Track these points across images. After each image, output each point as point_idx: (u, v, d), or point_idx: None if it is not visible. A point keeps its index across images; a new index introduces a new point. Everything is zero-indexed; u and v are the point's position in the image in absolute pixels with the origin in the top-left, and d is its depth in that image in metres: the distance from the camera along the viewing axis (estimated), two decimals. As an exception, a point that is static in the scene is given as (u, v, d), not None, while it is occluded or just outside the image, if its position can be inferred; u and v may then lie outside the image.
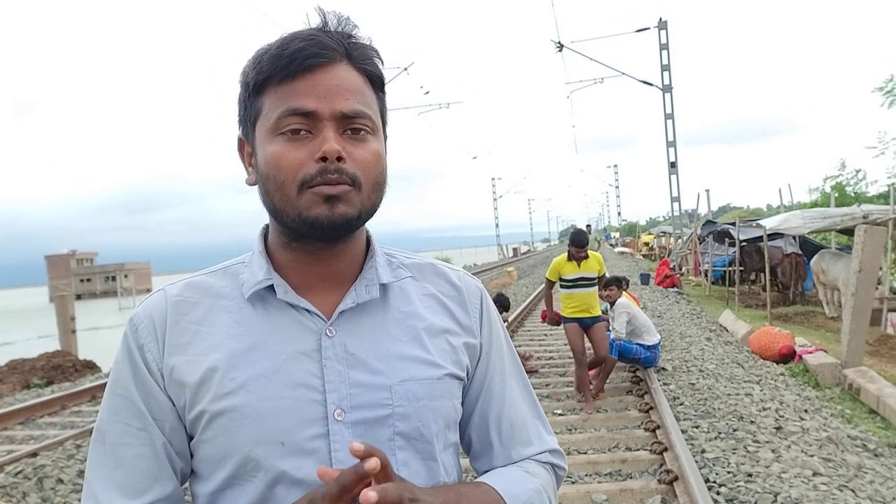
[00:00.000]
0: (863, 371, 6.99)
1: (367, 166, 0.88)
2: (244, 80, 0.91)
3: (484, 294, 1.07)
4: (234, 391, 0.86)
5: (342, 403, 0.88)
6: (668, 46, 22.12)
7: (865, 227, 7.60)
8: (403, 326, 0.95)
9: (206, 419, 0.86)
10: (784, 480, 4.02)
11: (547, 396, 6.89)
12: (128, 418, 0.88)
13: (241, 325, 0.90)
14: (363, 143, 0.89)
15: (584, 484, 4.48)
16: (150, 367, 0.89)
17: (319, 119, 0.86)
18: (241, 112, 0.94)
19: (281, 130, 0.86)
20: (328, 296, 0.94)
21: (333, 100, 0.86)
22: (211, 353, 0.88)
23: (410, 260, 1.04)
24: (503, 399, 1.03)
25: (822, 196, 22.09)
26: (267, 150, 0.88)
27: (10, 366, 11.40)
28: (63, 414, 7.86)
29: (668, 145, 22.06)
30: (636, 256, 38.24)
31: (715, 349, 8.63)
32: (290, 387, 0.87)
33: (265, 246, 0.97)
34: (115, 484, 0.87)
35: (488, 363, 1.03)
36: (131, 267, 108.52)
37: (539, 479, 1.00)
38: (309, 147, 0.86)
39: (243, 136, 0.95)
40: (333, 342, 0.90)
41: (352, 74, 0.89)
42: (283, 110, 0.86)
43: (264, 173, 0.88)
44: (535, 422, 1.07)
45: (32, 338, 21.67)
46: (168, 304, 0.92)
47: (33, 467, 5.35)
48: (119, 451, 0.88)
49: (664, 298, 14.87)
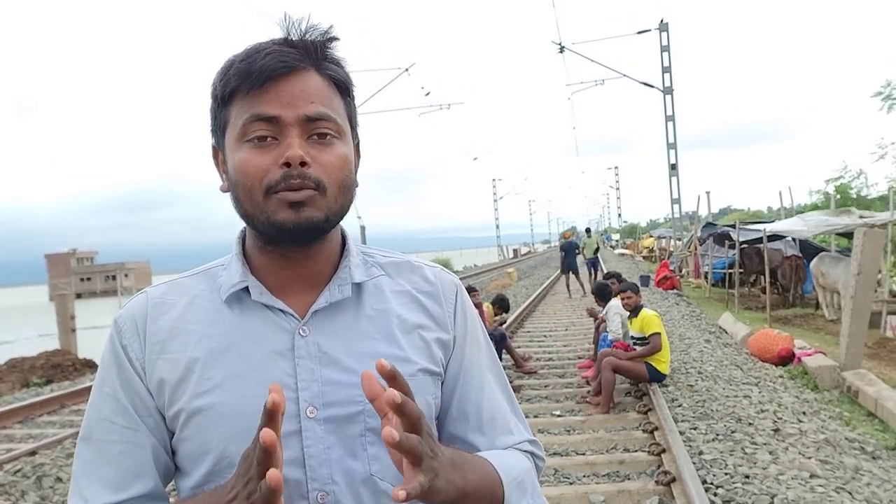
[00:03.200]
0: (861, 374, 6.99)
1: (332, 170, 0.91)
2: (213, 92, 0.94)
3: (460, 289, 1.09)
4: (210, 390, 0.89)
5: (314, 401, 0.90)
6: (669, 48, 22.15)
7: (865, 230, 7.60)
8: (376, 324, 0.97)
9: (184, 417, 0.90)
10: (781, 482, 4.03)
11: (546, 398, 6.89)
12: (113, 416, 0.91)
13: (217, 325, 0.93)
14: (329, 147, 0.91)
15: (582, 485, 4.48)
16: (135, 366, 0.92)
17: (283, 125, 0.88)
18: (212, 122, 0.97)
19: (247, 137, 0.89)
20: (302, 297, 0.96)
21: (297, 105, 0.89)
22: (188, 352, 0.91)
23: (387, 258, 1.07)
24: (481, 391, 1.05)
25: (824, 198, 22.10)
26: (235, 158, 0.91)
27: (10, 364, 11.39)
28: (62, 413, 7.87)
29: (668, 147, 22.08)
30: (636, 258, 38.25)
31: (714, 351, 8.63)
32: (264, 385, 0.87)
33: (243, 249, 1.00)
34: (100, 479, 0.90)
35: (463, 357, 1.04)
36: (132, 266, 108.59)
37: (527, 462, 1.03)
38: (274, 153, 0.88)
39: (216, 145, 0.98)
40: (307, 341, 0.93)
41: (316, 80, 0.92)
42: (248, 117, 0.89)
43: (234, 180, 0.91)
44: (513, 416, 1.09)
45: (32, 336, 21.69)
46: (149, 306, 0.95)
47: (32, 466, 5.37)
48: (105, 448, 0.91)
49: (664, 300, 14.87)
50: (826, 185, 22.75)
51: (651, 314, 6.37)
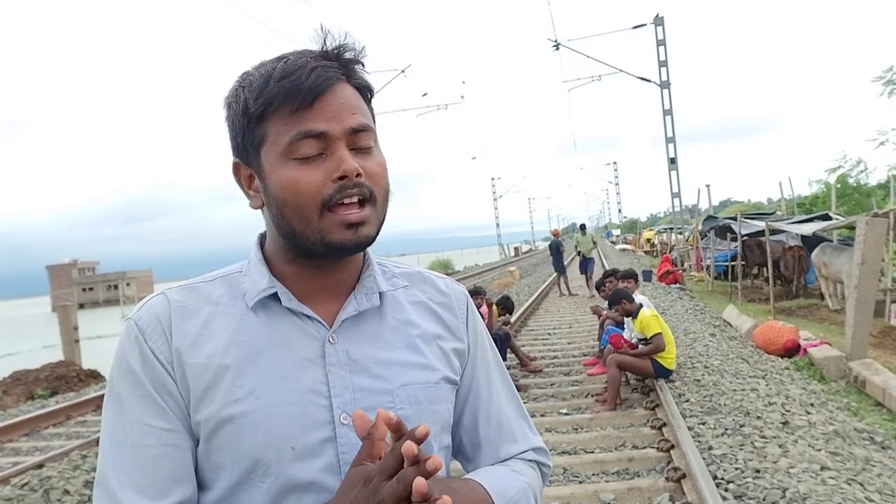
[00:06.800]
0: (868, 363, 6.97)
1: (377, 179, 0.92)
2: (242, 108, 0.91)
3: (469, 299, 1.12)
4: (243, 398, 0.87)
5: (346, 408, 0.90)
6: (665, 42, 22.13)
7: (867, 218, 7.58)
8: (399, 333, 0.99)
9: (212, 425, 0.87)
10: (792, 475, 4.01)
11: (552, 396, 6.88)
12: (149, 418, 0.87)
13: (244, 332, 0.92)
14: (371, 157, 0.92)
15: (591, 483, 4.46)
16: (166, 367, 0.89)
17: (331, 139, 0.89)
18: (237, 137, 0.94)
19: (294, 155, 0.88)
20: (328, 304, 0.97)
21: (342, 119, 0.89)
22: (217, 359, 0.89)
23: (400, 269, 1.08)
24: (490, 399, 1.07)
25: (824, 188, 22.05)
26: (283, 176, 0.89)
27: (14, 377, 11.37)
28: (68, 424, 7.85)
29: (667, 141, 22.07)
30: (638, 253, 38.21)
31: (719, 345, 8.61)
32: (298, 392, 0.89)
33: (263, 255, 0.99)
34: (134, 486, 0.85)
35: (475, 365, 1.07)
36: (133, 275, 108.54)
37: (525, 478, 1.02)
38: (324, 168, 0.88)
39: (241, 161, 0.96)
40: (336, 349, 0.93)
41: (350, 91, 0.92)
42: (295, 134, 0.88)
43: (280, 198, 0.90)
44: (519, 421, 1.11)
45: (36, 348, 21.66)
46: (171, 308, 0.92)
47: (39, 479, 5.34)
48: (140, 453, 0.86)
49: (666, 295, 14.86)
50: (827, 175, 22.68)
51: (649, 315, 6.33)
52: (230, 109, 0.93)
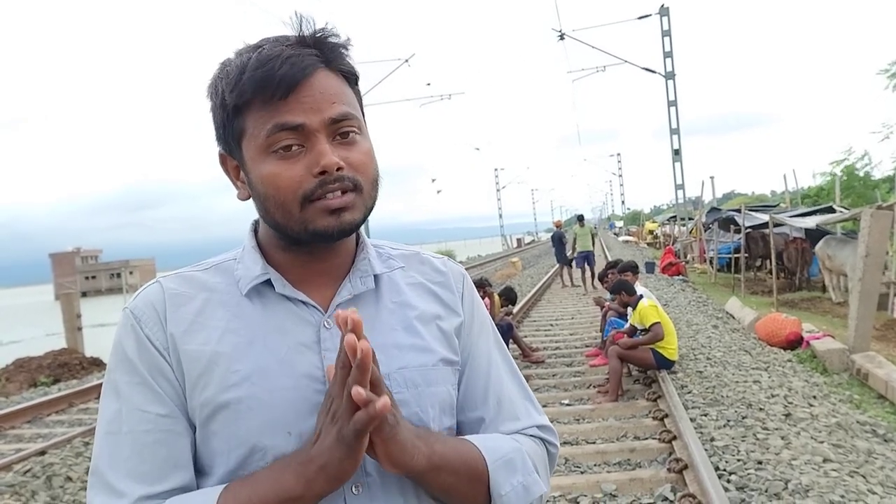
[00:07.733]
0: (870, 356, 6.96)
1: (363, 168, 0.91)
2: (220, 101, 0.90)
3: (467, 277, 1.11)
4: (238, 383, 0.87)
5: None
6: (670, 33, 22.00)
7: (872, 211, 7.55)
8: (396, 316, 0.98)
9: (208, 411, 0.87)
10: (794, 467, 4.00)
11: (555, 387, 6.88)
12: (146, 405, 0.87)
13: (239, 318, 0.92)
14: (355, 146, 0.91)
15: (593, 474, 4.46)
16: (163, 354, 0.89)
17: (309, 131, 0.87)
18: (220, 129, 0.93)
19: (273, 148, 0.87)
20: (323, 290, 0.96)
21: (320, 109, 0.87)
22: (211, 345, 0.89)
23: (397, 251, 1.07)
24: (488, 375, 1.04)
25: (829, 180, 21.96)
26: (262, 171, 0.88)
27: (17, 364, 11.42)
28: (70, 412, 7.88)
29: (671, 133, 21.97)
30: (641, 245, 38.16)
31: (722, 337, 8.60)
32: (294, 378, 0.88)
33: (257, 241, 0.98)
34: (130, 472, 0.85)
35: (470, 340, 1.04)
36: (136, 264, 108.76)
37: (523, 445, 0.99)
38: (304, 161, 0.87)
39: (226, 152, 0.96)
40: (331, 333, 0.92)
41: (331, 79, 0.90)
42: (272, 127, 0.86)
43: (262, 192, 0.90)
44: (523, 401, 1.07)
45: (39, 336, 21.74)
46: (166, 294, 0.92)
47: (42, 465, 5.37)
48: (137, 439, 0.86)
49: (669, 286, 14.84)
50: (832, 167, 22.54)
51: (647, 305, 6.30)
52: (211, 100, 0.93)
